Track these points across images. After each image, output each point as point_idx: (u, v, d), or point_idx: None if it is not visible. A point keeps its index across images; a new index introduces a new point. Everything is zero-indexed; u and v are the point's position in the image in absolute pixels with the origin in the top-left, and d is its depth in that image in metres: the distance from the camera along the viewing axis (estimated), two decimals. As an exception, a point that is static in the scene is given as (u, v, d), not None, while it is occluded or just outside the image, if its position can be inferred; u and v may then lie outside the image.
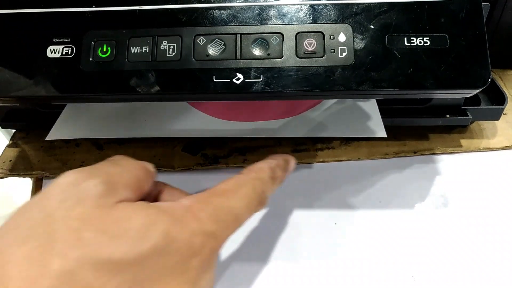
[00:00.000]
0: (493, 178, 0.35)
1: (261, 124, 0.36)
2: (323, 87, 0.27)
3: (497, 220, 0.33)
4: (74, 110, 0.37)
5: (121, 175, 0.22)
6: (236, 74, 0.28)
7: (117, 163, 0.23)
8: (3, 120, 0.39)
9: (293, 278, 0.30)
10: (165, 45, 0.28)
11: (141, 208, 0.21)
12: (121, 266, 0.18)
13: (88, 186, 0.20)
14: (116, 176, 0.22)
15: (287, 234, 0.32)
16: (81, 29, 0.29)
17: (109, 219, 0.19)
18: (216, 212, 0.22)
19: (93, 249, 0.18)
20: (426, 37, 0.27)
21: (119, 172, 0.22)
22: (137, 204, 0.21)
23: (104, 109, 0.38)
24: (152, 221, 0.20)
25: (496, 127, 0.39)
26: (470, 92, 0.28)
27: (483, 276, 0.30)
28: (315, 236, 0.32)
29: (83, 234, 0.18)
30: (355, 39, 0.27)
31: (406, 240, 0.32)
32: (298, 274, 0.30)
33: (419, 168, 0.36)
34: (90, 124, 0.36)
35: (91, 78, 0.28)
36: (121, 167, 0.23)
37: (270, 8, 0.28)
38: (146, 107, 0.38)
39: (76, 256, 0.18)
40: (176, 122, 0.37)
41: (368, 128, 0.35)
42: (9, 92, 0.29)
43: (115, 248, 0.18)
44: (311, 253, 0.31)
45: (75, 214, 0.19)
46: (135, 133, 0.36)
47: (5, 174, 0.37)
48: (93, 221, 0.19)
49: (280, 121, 0.37)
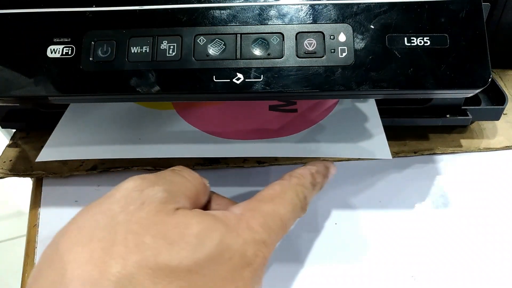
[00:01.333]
0: (493, 178, 0.35)
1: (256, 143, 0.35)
2: (323, 87, 0.27)
3: (497, 220, 0.32)
4: (65, 130, 0.36)
5: (183, 185, 0.23)
6: (236, 74, 0.28)
7: (179, 173, 0.24)
8: (3, 120, 0.39)
9: (293, 278, 0.30)
10: (165, 45, 0.28)
11: (198, 215, 0.21)
12: (178, 272, 0.18)
13: (151, 192, 0.21)
14: (178, 185, 0.22)
15: (287, 234, 0.32)
16: (81, 29, 0.29)
17: (169, 225, 0.20)
18: (266, 220, 0.22)
19: (152, 254, 0.18)
20: (426, 37, 0.27)
21: (181, 182, 0.23)
22: (194, 211, 0.21)
23: (96, 130, 0.36)
24: (209, 229, 0.20)
25: (496, 127, 0.39)
26: (470, 92, 0.28)
27: (483, 276, 0.30)
28: (315, 236, 0.32)
29: (143, 239, 0.19)
30: (355, 39, 0.27)
31: (406, 240, 0.32)
32: (298, 274, 0.30)
33: (419, 168, 0.36)
34: (82, 145, 0.35)
35: (91, 78, 0.28)
36: (183, 178, 0.23)
37: (270, 8, 0.28)
38: (140, 126, 0.36)
39: (135, 260, 0.18)
40: (171, 141, 0.35)
41: (372, 149, 0.33)
42: (9, 92, 0.29)
43: (173, 254, 0.19)
44: (311, 253, 0.31)
45: (136, 218, 0.20)
46: (129, 154, 0.34)
47: (5, 174, 0.37)
48: (153, 226, 0.19)
49: (278, 139, 0.34)
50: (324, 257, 0.31)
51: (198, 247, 0.19)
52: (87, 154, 0.34)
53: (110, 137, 0.35)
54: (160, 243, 0.19)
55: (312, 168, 0.27)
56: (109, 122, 0.37)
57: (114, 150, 0.34)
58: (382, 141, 0.33)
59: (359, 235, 0.32)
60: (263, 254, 0.21)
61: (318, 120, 0.36)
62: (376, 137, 0.33)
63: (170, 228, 0.20)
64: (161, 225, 0.20)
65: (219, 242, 0.20)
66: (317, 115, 0.36)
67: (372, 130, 0.34)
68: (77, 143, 0.35)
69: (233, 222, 0.21)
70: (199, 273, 0.19)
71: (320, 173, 0.28)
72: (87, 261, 0.18)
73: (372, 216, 0.33)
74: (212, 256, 0.19)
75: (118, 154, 0.34)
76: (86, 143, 0.35)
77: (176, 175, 0.23)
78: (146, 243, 0.19)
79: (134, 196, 0.21)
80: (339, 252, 0.31)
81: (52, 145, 0.34)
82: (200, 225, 0.20)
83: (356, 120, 0.35)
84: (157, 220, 0.20)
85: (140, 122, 0.37)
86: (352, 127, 0.35)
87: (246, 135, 0.35)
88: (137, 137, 0.35)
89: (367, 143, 0.33)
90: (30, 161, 0.38)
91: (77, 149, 0.34)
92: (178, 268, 0.18)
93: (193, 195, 0.23)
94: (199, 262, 0.19)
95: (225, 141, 0.34)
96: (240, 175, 0.36)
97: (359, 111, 0.36)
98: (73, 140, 0.35)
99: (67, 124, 0.36)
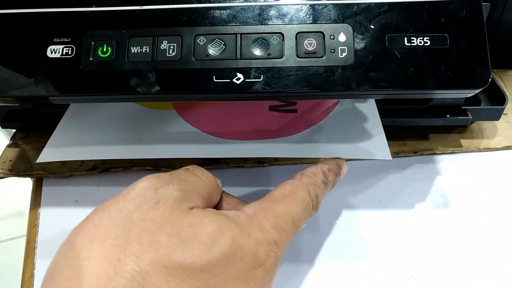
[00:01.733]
0: (493, 178, 0.35)
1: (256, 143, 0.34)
2: (323, 87, 0.27)
3: (497, 220, 0.32)
4: (65, 131, 0.36)
5: (197, 184, 0.23)
6: (236, 74, 0.28)
7: (193, 172, 0.24)
8: (3, 120, 0.39)
9: (293, 278, 0.30)
10: (165, 45, 0.28)
11: (212, 215, 0.21)
12: (191, 271, 0.19)
13: (166, 191, 0.21)
14: (192, 185, 0.22)
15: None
16: (81, 29, 0.29)
17: (183, 223, 0.20)
18: (278, 220, 0.22)
19: (166, 253, 0.19)
20: (426, 37, 0.27)
21: (195, 181, 0.23)
22: (207, 210, 0.22)
23: (96, 130, 0.36)
24: (222, 228, 0.20)
25: (496, 127, 0.39)
26: (470, 92, 0.28)
27: (483, 276, 0.30)
28: (315, 236, 0.32)
29: (158, 237, 0.19)
30: (355, 39, 0.27)
31: (406, 240, 0.32)
32: (298, 274, 0.30)
33: (419, 168, 0.36)
34: (82, 146, 0.35)
35: (91, 78, 0.28)
36: (197, 177, 0.23)
37: (270, 8, 0.28)
38: (140, 126, 0.36)
39: (149, 258, 0.18)
40: (171, 141, 0.35)
41: (372, 149, 0.33)
42: (9, 92, 0.29)
43: (187, 253, 0.19)
44: (311, 253, 0.31)
45: (150, 217, 0.20)
46: (129, 154, 0.34)
47: (5, 174, 0.37)
48: (168, 224, 0.20)
49: (278, 140, 0.34)
50: (324, 257, 0.31)
51: (211, 246, 0.19)
52: (88, 155, 0.34)
53: (110, 137, 0.35)
54: (174, 242, 0.19)
55: (324, 166, 0.27)
56: (109, 122, 0.37)
57: (114, 151, 0.34)
58: (382, 141, 0.33)
59: (359, 235, 0.32)
60: (275, 255, 0.21)
61: (318, 120, 0.36)
62: (376, 137, 0.33)
63: (184, 227, 0.20)
64: (175, 224, 0.20)
65: (232, 242, 0.20)
66: (317, 116, 0.36)
67: (372, 130, 0.34)
68: (77, 144, 0.35)
69: (245, 222, 0.21)
70: (212, 272, 0.19)
71: (332, 171, 0.28)
72: (102, 258, 0.18)
73: (372, 216, 0.33)
74: (225, 256, 0.19)
75: (118, 154, 0.34)
76: (87, 143, 0.35)
77: (190, 174, 0.24)
78: (161, 242, 0.19)
79: (149, 195, 0.21)
80: (339, 252, 0.31)
81: (53, 145, 0.34)
82: (213, 224, 0.20)
83: (356, 120, 0.35)
84: (172, 219, 0.20)
85: (140, 122, 0.37)
86: (352, 128, 0.35)
87: (246, 135, 0.35)
88: (137, 137, 0.35)
89: (367, 143, 0.33)
90: (30, 161, 0.38)
91: (77, 150, 0.34)
92: (192, 267, 0.19)
93: (206, 195, 0.23)
94: (212, 261, 0.19)
95: (225, 141, 0.34)
96: (240, 175, 0.37)
97: (359, 112, 0.36)
98: (73, 140, 0.35)
99: (67, 125, 0.36)
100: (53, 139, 0.35)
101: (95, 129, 0.36)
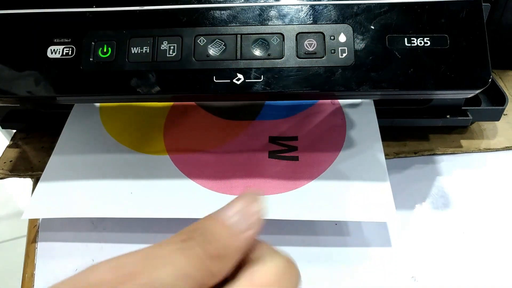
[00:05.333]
0: (494, 179, 0.35)
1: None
2: (324, 87, 0.27)
3: (498, 220, 0.32)
4: (51, 183, 0.33)
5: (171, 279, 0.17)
6: (237, 74, 0.28)
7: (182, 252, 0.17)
8: (3, 120, 0.39)
9: (293, 279, 0.30)
10: (166, 45, 0.28)
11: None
12: None
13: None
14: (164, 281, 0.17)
15: (287, 234, 0.32)
16: (82, 30, 0.29)
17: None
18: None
19: None
20: (427, 38, 0.27)
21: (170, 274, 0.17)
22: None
23: (84, 182, 0.33)
24: None
25: (496, 128, 0.39)
26: (471, 92, 0.28)
27: (483, 276, 0.30)
28: (315, 237, 0.32)
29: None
30: (356, 39, 0.27)
31: (406, 240, 0.32)
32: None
33: (419, 169, 0.36)
34: (69, 202, 0.32)
35: (92, 79, 0.28)
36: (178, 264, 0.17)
37: (270, 9, 0.28)
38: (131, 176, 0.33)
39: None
40: (164, 197, 0.32)
41: (377, 212, 0.30)
42: (9, 92, 0.29)
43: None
44: (311, 253, 0.31)
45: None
46: (121, 214, 0.31)
47: (5, 174, 0.37)
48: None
49: (276, 197, 0.31)
50: (324, 257, 0.31)
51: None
52: (76, 212, 0.31)
53: (99, 190, 0.32)
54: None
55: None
56: (97, 171, 0.34)
57: (104, 209, 0.31)
58: (389, 203, 0.30)
59: (359, 235, 0.32)
60: None
61: (319, 172, 0.33)
62: (382, 198, 0.30)
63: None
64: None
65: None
66: (318, 165, 0.33)
67: (378, 188, 0.31)
68: (64, 199, 0.32)
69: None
70: None
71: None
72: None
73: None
74: None
75: (108, 213, 0.31)
76: (74, 198, 0.32)
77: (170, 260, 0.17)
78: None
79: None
80: (339, 252, 0.31)
81: (39, 201, 0.32)
82: None
83: (361, 174, 0.32)
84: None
85: (130, 171, 0.34)
86: (355, 182, 0.32)
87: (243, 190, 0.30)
88: (128, 190, 0.32)
89: (372, 204, 0.30)
90: (30, 162, 0.38)
91: (64, 206, 0.32)
92: None
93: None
94: None
95: (221, 196, 0.31)
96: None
97: (365, 161, 0.33)
98: (60, 195, 0.32)
99: (52, 176, 0.33)
100: (38, 191, 0.32)
101: (82, 180, 0.33)
